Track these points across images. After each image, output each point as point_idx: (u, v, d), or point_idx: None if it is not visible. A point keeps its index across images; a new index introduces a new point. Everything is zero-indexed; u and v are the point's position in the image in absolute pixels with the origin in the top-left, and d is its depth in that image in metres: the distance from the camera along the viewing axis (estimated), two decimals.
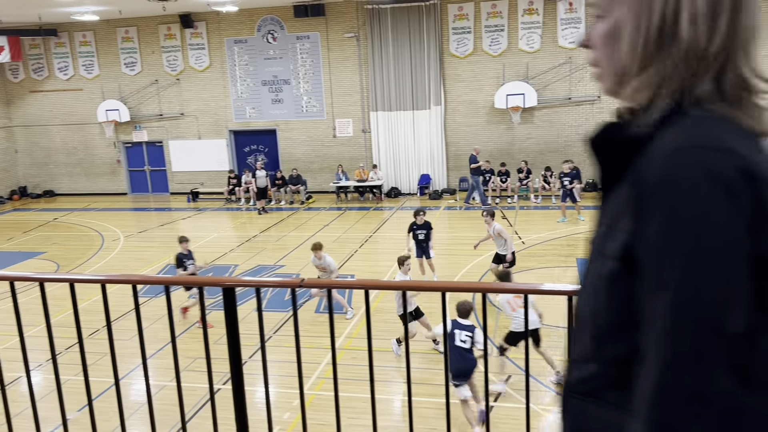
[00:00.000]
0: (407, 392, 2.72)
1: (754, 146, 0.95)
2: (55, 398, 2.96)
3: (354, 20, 19.22)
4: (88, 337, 8.73)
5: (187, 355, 7.71)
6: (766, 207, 0.89)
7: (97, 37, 20.98)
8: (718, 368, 0.87)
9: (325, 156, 20.29)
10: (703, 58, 0.96)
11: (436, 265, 11.41)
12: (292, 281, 2.39)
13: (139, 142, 21.64)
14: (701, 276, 0.87)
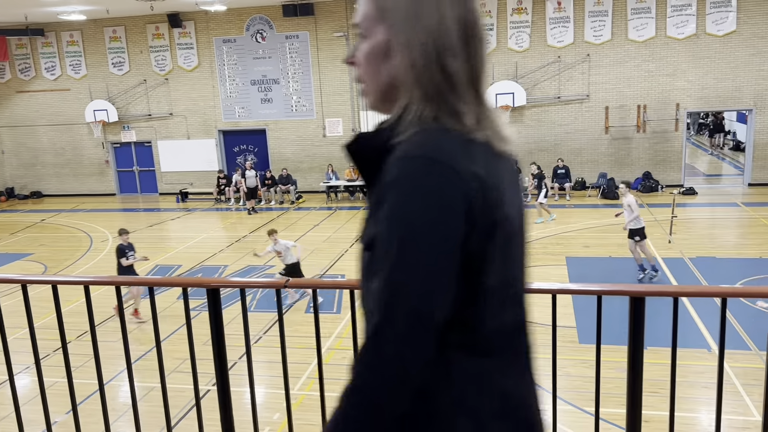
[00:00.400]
0: None
1: (479, 158, 1.10)
2: (41, 401, 2.92)
3: (343, 19, 19.19)
4: (76, 339, 8.68)
5: (176, 357, 7.67)
6: (475, 209, 1.04)
7: (85, 37, 20.83)
8: (418, 337, 1.03)
9: (315, 155, 20.25)
10: (453, 85, 1.12)
11: None
12: (277, 282, 2.38)
13: (127, 142, 21.50)
14: (411, 262, 1.02)
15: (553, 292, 2.18)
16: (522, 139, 18.90)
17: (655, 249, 12.39)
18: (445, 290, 1.04)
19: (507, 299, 1.15)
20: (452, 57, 1.12)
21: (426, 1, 1.11)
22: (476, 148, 1.11)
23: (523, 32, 18.36)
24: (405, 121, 1.13)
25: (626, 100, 18.10)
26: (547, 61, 18.31)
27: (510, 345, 1.17)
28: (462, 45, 1.13)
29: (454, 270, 1.04)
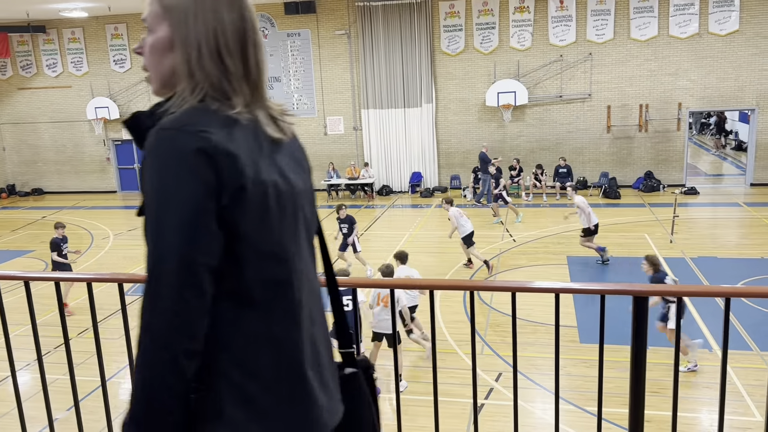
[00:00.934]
0: (395, 390, 2.70)
1: (234, 134, 1.27)
2: (43, 398, 2.92)
3: (345, 17, 19.17)
4: (77, 336, 8.68)
5: None
6: (222, 174, 1.21)
7: (86, 34, 20.82)
8: (182, 287, 1.19)
9: (316, 154, 20.23)
10: (225, 78, 1.30)
11: (428, 264, 11.39)
12: None
13: (128, 139, 21.48)
14: (165, 221, 1.20)
15: (556, 291, 2.17)
16: (524, 138, 18.88)
17: (657, 249, 12.38)
18: (201, 241, 1.21)
19: (266, 257, 1.31)
20: (226, 55, 1.30)
21: (204, 5, 1.29)
22: (233, 125, 1.28)
23: (525, 31, 18.33)
24: (175, 103, 1.31)
25: (628, 100, 18.07)
26: (549, 60, 18.29)
27: (275, 298, 1.33)
28: (236, 45, 1.32)
29: (208, 223, 1.21)
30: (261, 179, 1.28)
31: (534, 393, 7.12)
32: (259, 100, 1.38)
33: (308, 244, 1.47)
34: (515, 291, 2.34)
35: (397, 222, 16.37)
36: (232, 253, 1.26)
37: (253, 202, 1.27)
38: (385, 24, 18.84)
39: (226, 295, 1.28)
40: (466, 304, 9.85)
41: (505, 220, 15.48)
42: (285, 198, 1.35)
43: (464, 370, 7.64)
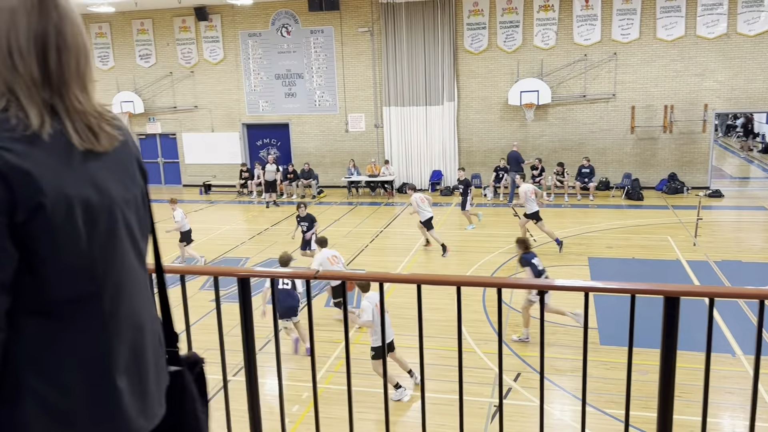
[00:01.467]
0: (421, 388, 2.70)
1: (30, 151, 1.22)
2: None
3: (368, 15, 19.18)
4: None
5: (199, 347, 7.74)
6: (16, 192, 1.18)
7: (113, 29, 21.09)
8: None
9: (337, 150, 20.30)
10: (23, 83, 1.25)
11: (447, 263, 11.38)
12: (307, 273, 2.38)
13: (152, 134, 21.75)
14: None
15: (585, 290, 2.15)
16: (546, 138, 18.75)
17: (680, 252, 12.23)
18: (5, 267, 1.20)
19: (71, 273, 1.29)
20: (18, 59, 1.25)
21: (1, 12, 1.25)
22: (34, 140, 1.24)
23: (549, 30, 18.19)
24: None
25: (653, 100, 17.85)
26: (573, 59, 18.13)
27: (81, 311, 1.32)
28: (33, 49, 1.26)
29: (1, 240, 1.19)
30: (65, 194, 1.25)
31: (553, 394, 7.08)
32: (66, 109, 1.31)
33: (135, 251, 1.46)
34: (544, 290, 2.33)
35: (417, 220, 16.33)
36: (32, 270, 1.25)
37: (55, 219, 1.24)
38: (408, 21, 18.82)
39: (29, 310, 1.27)
40: (486, 303, 9.82)
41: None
42: (97, 211, 1.32)
43: (482, 369, 7.62)
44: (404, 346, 8.19)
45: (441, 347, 8.13)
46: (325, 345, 8.40)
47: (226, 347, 2.81)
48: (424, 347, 2.50)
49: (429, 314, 8.78)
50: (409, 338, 8.32)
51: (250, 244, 14.22)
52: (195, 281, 10.98)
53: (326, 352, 8.22)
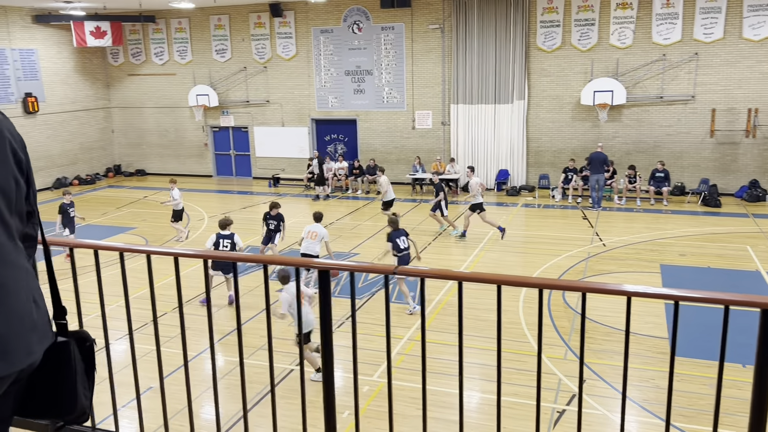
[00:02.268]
0: (497, 391, 2.66)
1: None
2: (142, 367, 3.12)
3: (440, 12, 19.11)
4: (172, 311, 9.17)
5: (262, 335, 7.95)
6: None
7: (192, 24, 21.86)
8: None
9: (403, 147, 20.35)
10: None
11: (512, 264, 11.23)
12: (386, 267, 2.39)
13: (225, 126, 22.43)
14: None
15: (676, 299, 2.09)
16: (619, 139, 18.18)
17: (760, 262, 11.62)
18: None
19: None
20: None
21: None
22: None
23: (626, 28, 17.60)
24: None
25: (736, 103, 17.00)
26: (650, 59, 17.49)
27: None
28: None
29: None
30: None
31: (618, 403, 6.89)
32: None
33: (2, 226, 1.68)
34: (584, 291, 2.28)
35: (480, 220, 16.17)
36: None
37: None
38: (480, 19, 18.63)
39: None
40: (551, 306, 9.64)
41: (595, 222, 14.98)
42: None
43: (545, 374, 7.49)
44: (466, 346, 8.15)
45: (504, 349, 8.03)
46: (384, 341, 8.47)
47: (282, 336, 2.88)
48: (483, 348, 2.48)
49: (490, 315, 8.71)
50: (473, 339, 8.28)
51: (442, 243, 14.43)
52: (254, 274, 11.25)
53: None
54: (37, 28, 20.56)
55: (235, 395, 6.94)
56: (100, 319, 3.07)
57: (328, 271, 2.49)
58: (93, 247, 2.87)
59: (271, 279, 11.08)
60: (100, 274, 2.94)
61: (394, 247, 10.13)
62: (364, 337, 8.31)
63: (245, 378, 2.99)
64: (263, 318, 9.23)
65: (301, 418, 2.84)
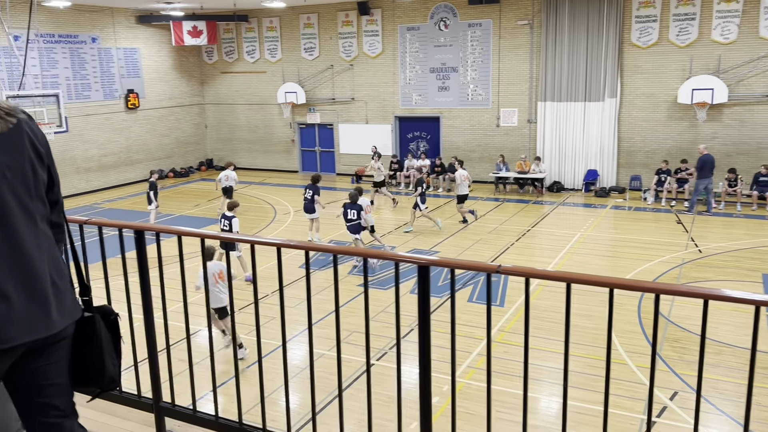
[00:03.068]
0: (563, 395, 2.54)
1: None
2: (233, 354, 3.21)
3: (529, 7, 18.68)
4: (261, 300, 9.46)
5: (344, 328, 8.05)
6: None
7: (282, 23, 22.45)
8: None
9: (487, 145, 20.06)
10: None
11: (599, 268, 10.83)
12: (489, 266, 2.33)
13: (312, 123, 22.91)
14: None
15: (756, 304, 1.94)
16: (718, 140, 17.13)
17: None
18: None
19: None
20: None
21: None
22: None
23: (730, 22, 16.55)
24: None
25: None
26: (756, 55, 16.36)
27: None
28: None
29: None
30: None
31: (714, 419, 6.50)
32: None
33: (21, 207, 1.92)
34: (707, 299, 2.13)
35: (567, 221, 15.73)
36: None
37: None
38: (571, 14, 18.06)
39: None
40: (641, 313, 9.22)
41: (690, 227, 14.21)
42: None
43: (634, 383, 7.17)
44: (548, 350, 7.94)
45: (589, 355, 7.77)
46: (467, 340, 8.38)
47: (359, 330, 2.88)
48: (570, 354, 2.37)
49: (577, 320, 8.44)
50: (557, 343, 8.05)
51: (396, 234, 14.51)
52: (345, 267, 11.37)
53: (468, 347, 8.19)
54: (139, 28, 21.77)
55: (318, 387, 7.07)
56: (183, 307, 3.19)
57: (428, 266, 2.46)
58: (177, 233, 2.98)
59: (351, 274, 11.22)
60: (183, 260, 3.05)
61: (343, 215, 11.91)
62: (443, 336, 8.26)
63: (314, 373, 3.02)
64: (344, 311, 9.36)
65: (389, 414, 2.84)
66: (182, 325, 3.18)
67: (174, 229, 2.97)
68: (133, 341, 3.25)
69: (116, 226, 3.04)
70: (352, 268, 11.43)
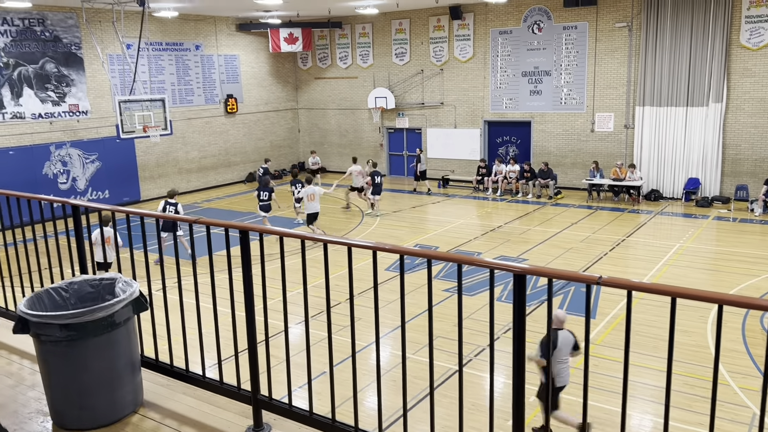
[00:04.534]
0: (664, 414, 2.43)
1: None
2: (315, 352, 3.30)
3: (628, 9, 18.00)
4: (345, 302, 9.65)
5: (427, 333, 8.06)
6: None
7: (374, 29, 22.80)
8: None
9: (580, 151, 19.48)
10: None
11: (699, 282, 10.27)
12: (589, 276, 2.27)
13: (400, 128, 23.11)
14: None
15: None
16: None
17: None
18: None
19: None
20: None
21: None
22: None
23: None
24: None
25: None
26: None
27: None
28: None
29: None
30: None
31: None
32: None
33: None
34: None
35: (665, 231, 15.01)
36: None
37: None
38: (673, 15, 17.24)
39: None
40: (746, 331, 8.66)
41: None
42: None
43: (738, 406, 6.75)
44: (644, 366, 7.64)
45: (687, 373, 7.38)
46: None
47: (445, 335, 2.88)
48: (660, 370, 2.28)
49: (676, 336, 8.03)
50: (652, 359, 7.71)
51: (483, 240, 14.37)
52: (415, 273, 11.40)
53: None
54: (239, 35, 22.76)
55: (399, 388, 7.13)
56: (281, 304, 3.32)
57: (524, 275, 2.45)
58: (278, 233, 3.12)
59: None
60: (283, 259, 3.18)
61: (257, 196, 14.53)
62: (531, 346, 8.10)
63: (406, 374, 3.05)
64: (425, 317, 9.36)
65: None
66: (276, 322, 3.31)
67: (276, 230, 3.11)
68: (235, 335, 3.43)
69: (223, 225, 3.22)
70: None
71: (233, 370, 3.50)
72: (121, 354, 3.37)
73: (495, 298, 3.03)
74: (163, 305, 3.83)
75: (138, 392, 3.58)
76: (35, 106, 17.28)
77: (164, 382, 3.84)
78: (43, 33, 17.26)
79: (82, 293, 3.65)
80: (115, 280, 3.63)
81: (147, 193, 20.05)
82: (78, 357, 3.21)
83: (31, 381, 3.97)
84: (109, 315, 3.22)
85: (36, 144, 17.37)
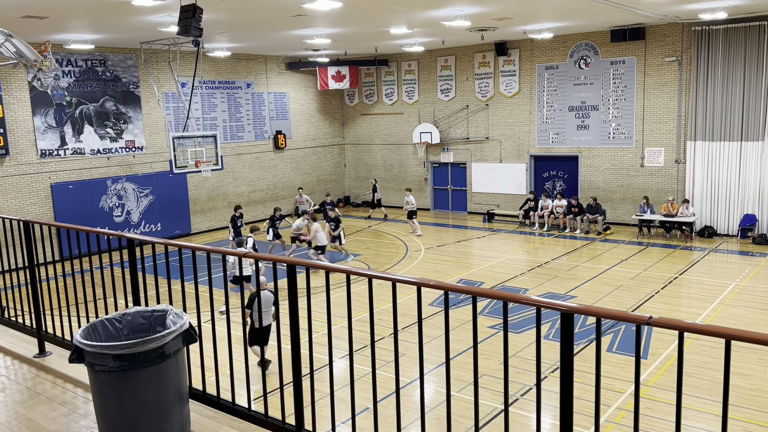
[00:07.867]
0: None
1: None
2: (360, 388, 3.30)
3: (677, 43, 17.78)
4: (389, 336, 9.61)
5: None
6: None
7: (420, 66, 23.13)
8: None
9: (630, 186, 19.11)
10: None
11: (755, 322, 9.84)
12: (638, 317, 2.22)
13: (445, 163, 23.18)
14: None
15: None
16: None
17: None
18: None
19: None
20: None
21: None
22: None
23: None
24: None
25: None
26: None
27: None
28: None
29: None
30: None
31: None
32: None
33: None
34: None
35: (720, 269, 14.50)
36: None
37: None
38: (725, 48, 16.93)
39: None
40: None
41: None
42: None
43: None
44: (699, 410, 7.33)
45: (747, 419, 7.04)
46: (606, 393, 7.93)
47: (490, 373, 2.84)
48: (716, 414, 2.19)
49: (732, 379, 7.70)
50: (707, 403, 7.40)
51: (530, 276, 14.15)
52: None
53: (607, 400, 7.75)
54: (288, 74, 23.42)
55: (444, 427, 7.02)
56: (326, 337, 3.35)
57: (572, 314, 2.42)
58: (325, 268, 3.17)
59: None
60: (329, 293, 3.22)
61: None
62: (579, 386, 7.88)
63: (451, 412, 3.02)
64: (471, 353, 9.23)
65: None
66: (321, 356, 3.34)
67: (323, 264, 3.16)
68: (280, 368, 3.47)
69: (270, 260, 3.29)
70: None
71: (278, 403, 3.53)
72: (170, 385, 3.45)
73: (542, 336, 2.99)
74: (212, 337, 3.91)
75: (185, 423, 3.64)
76: (94, 142, 18.08)
77: (211, 414, 3.89)
78: (104, 73, 18.14)
79: (134, 324, 3.76)
80: (166, 312, 3.73)
81: (197, 226, 20.58)
82: (129, 387, 3.30)
83: (83, 410, 4.09)
84: (160, 346, 3.31)
85: (93, 178, 18.12)
